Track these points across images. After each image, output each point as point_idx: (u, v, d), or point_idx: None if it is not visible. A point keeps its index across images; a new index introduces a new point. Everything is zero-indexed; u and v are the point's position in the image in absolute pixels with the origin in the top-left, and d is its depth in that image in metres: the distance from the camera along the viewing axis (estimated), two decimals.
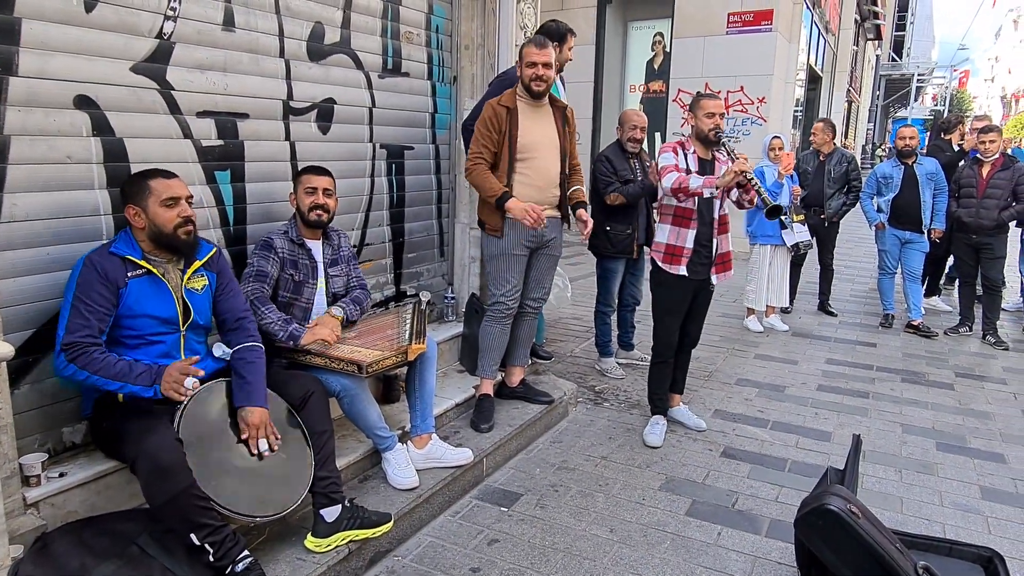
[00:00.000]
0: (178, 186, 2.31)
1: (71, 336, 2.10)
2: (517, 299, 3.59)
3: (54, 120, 2.26)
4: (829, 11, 14.81)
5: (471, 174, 3.41)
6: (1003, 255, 5.74)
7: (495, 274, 3.56)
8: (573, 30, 3.88)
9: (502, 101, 3.40)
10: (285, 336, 2.73)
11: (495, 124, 3.36)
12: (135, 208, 2.25)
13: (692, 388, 4.49)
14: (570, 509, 3.06)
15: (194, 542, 2.09)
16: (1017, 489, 3.35)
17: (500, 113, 3.36)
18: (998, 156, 5.63)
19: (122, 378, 2.14)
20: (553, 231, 3.60)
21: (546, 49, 3.33)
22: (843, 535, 2.17)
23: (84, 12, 2.30)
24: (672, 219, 3.59)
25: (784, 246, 5.85)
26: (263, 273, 2.80)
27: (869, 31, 24.26)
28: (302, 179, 2.87)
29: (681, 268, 3.57)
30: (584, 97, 10.95)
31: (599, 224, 4.45)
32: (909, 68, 34.06)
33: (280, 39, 3.03)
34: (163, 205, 2.25)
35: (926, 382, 4.81)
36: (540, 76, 3.34)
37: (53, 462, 2.33)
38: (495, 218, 3.46)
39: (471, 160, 3.41)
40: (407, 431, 3.15)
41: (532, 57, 3.32)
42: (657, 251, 3.66)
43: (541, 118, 3.48)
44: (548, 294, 3.82)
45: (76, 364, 2.09)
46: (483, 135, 3.37)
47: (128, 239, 2.28)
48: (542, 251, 3.62)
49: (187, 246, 2.34)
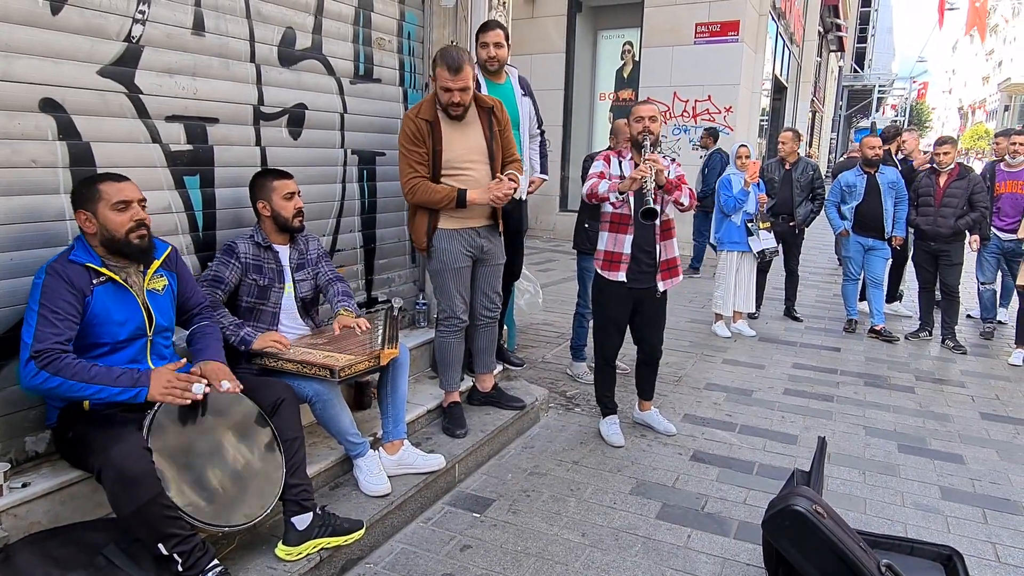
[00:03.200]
0: (130, 189, 2.25)
1: (41, 344, 2.04)
2: (467, 311, 3.55)
3: (18, 123, 2.22)
4: (794, 23, 15.14)
5: (415, 194, 3.25)
6: (960, 262, 5.91)
7: (440, 289, 3.49)
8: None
9: (421, 113, 3.23)
10: (237, 340, 2.72)
11: (419, 138, 3.21)
12: (85, 213, 2.19)
13: (662, 393, 4.55)
14: (542, 514, 3.07)
15: (162, 552, 2.05)
16: (975, 489, 3.45)
17: (421, 127, 3.21)
18: (954, 166, 5.81)
19: (99, 381, 2.08)
20: (492, 240, 3.53)
21: (462, 73, 3.12)
22: (809, 535, 2.22)
23: (50, 14, 2.27)
24: (609, 225, 3.63)
25: (750, 252, 5.96)
26: (219, 279, 2.79)
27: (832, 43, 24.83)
28: (275, 185, 2.84)
29: (620, 275, 3.60)
30: (555, 105, 11.04)
31: (580, 220, 4.52)
32: (871, 79, 34.97)
33: (251, 44, 3.01)
34: (114, 209, 2.19)
35: (888, 385, 4.93)
36: (457, 102, 3.19)
37: (16, 472, 2.28)
38: (420, 233, 3.38)
39: (408, 180, 3.25)
40: (379, 437, 3.14)
41: (445, 83, 3.14)
42: (597, 258, 3.71)
43: (465, 127, 3.32)
44: (500, 299, 3.74)
45: (48, 371, 2.03)
46: (410, 152, 3.22)
47: (84, 246, 2.22)
48: (485, 262, 3.55)
49: (139, 251, 2.28)
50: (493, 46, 3.75)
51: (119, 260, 2.28)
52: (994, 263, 6.12)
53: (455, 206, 3.26)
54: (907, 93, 41.50)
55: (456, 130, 3.30)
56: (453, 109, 3.21)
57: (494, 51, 3.76)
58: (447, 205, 3.27)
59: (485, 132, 3.38)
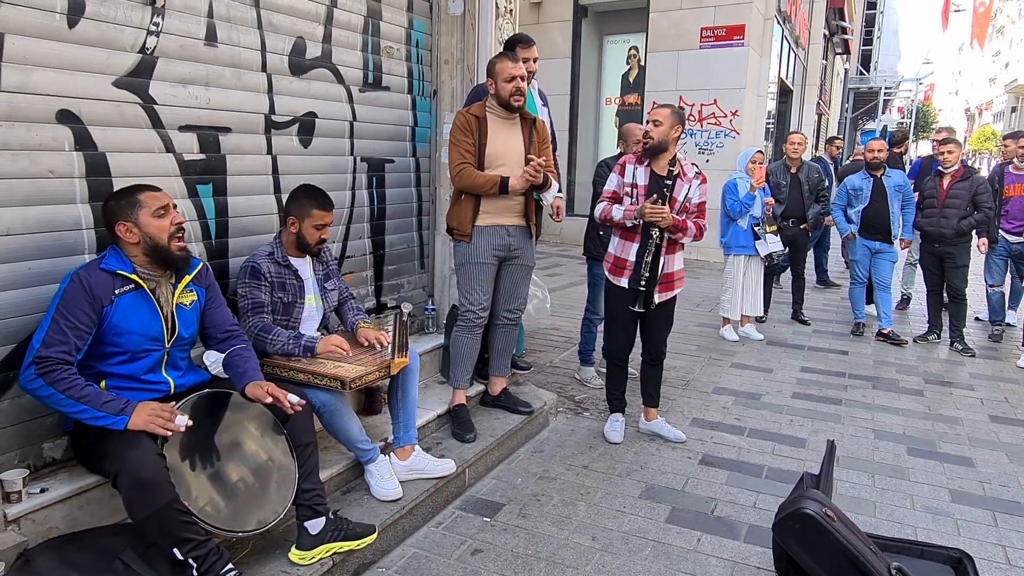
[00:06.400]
0: (164, 195, 2.32)
1: (46, 350, 2.07)
2: (486, 308, 3.61)
3: (36, 135, 2.26)
4: (799, 26, 15.13)
5: (461, 179, 3.45)
6: (965, 264, 5.90)
7: (463, 282, 3.60)
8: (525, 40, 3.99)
9: (471, 111, 3.48)
10: (301, 351, 2.79)
11: (468, 129, 3.44)
12: (126, 224, 2.23)
13: (670, 397, 4.56)
14: (552, 518, 3.09)
15: (177, 557, 2.08)
16: (985, 492, 3.44)
17: (471, 121, 3.45)
18: (958, 167, 5.81)
19: (87, 402, 2.08)
20: (521, 240, 3.63)
21: (519, 63, 3.43)
22: (819, 538, 2.23)
23: (67, 28, 2.31)
24: (621, 232, 3.71)
25: (757, 256, 5.96)
26: (259, 304, 2.82)
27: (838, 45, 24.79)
28: (314, 214, 2.86)
29: (623, 280, 3.69)
30: (561, 109, 11.06)
31: (593, 227, 4.54)
32: (877, 82, 34.85)
33: (262, 54, 3.05)
34: (155, 216, 2.25)
35: (897, 389, 4.93)
36: (520, 90, 3.41)
37: (34, 478, 2.31)
38: (465, 221, 3.50)
39: (457, 166, 3.45)
40: (390, 443, 3.16)
41: (511, 71, 3.39)
42: (607, 260, 3.81)
43: (509, 129, 3.54)
44: (524, 304, 3.84)
45: (44, 379, 2.05)
46: (461, 141, 3.44)
47: (118, 254, 2.26)
48: (513, 261, 3.65)
49: (182, 260, 2.35)
50: (520, 78, 3.72)
51: (155, 270, 2.31)
52: (1002, 265, 6.10)
53: (498, 191, 3.42)
54: (913, 95, 41.36)
55: (501, 130, 3.51)
56: (515, 99, 3.42)
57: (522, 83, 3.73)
58: (490, 190, 3.42)
59: (525, 139, 3.57)
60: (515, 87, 3.39)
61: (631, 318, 3.77)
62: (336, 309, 3.18)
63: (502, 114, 3.49)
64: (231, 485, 2.30)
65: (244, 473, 2.34)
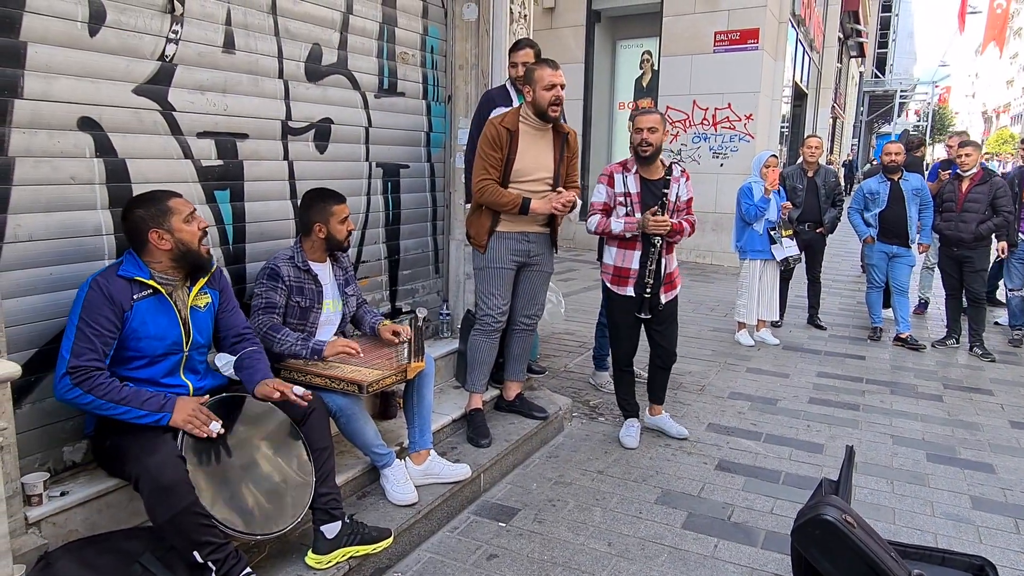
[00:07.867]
0: (188, 201, 2.37)
1: (77, 360, 2.10)
2: (505, 313, 3.61)
3: (58, 142, 2.29)
4: (813, 29, 15.07)
5: (483, 194, 3.38)
6: (984, 267, 5.83)
7: (481, 287, 3.60)
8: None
9: (504, 122, 3.38)
10: (308, 354, 2.79)
11: (497, 144, 3.34)
12: (159, 231, 2.25)
13: (685, 402, 4.54)
14: (568, 523, 3.08)
15: (197, 560, 2.09)
16: (1007, 498, 3.40)
17: (502, 133, 3.34)
18: (976, 170, 5.75)
19: (127, 403, 2.14)
20: (542, 247, 3.63)
21: (560, 69, 3.32)
22: (839, 545, 2.20)
23: (88, 36, 2.34)
24: (618, 242, 3.69)
25: (773, 260, 5.93)
26: (272, 304, 2.83)
27: (852, 49, 24.67)
28: (335, 211, 2.90)
29: (628, 289, 3.69)
30: (574, 114, 11.06)
31: None
32: (892, 85, 34.63)
33: (279, 60, 3.07)
34: (186, 221, 2.30)
35: (915, 394, 4.88)
36: (559, 98, 3.32)
37: (54, 481, 2.33)
38: (482, 231, 3.49)
39: (480, 180, 3.39)
40: (405, 447, 3.17)
41: (552, 79, 3.28)
42: (606, 272, 3.80)
43: (539, 142, 3.46)
44: (542, 310, 3.84)
45: (82, 388, 2.09)
46: (488, 155, 3.36)
47: (135, 260, 2.28)
48: (532, 268, 3.64)
49: (208, 263, 2.40)
50: (522, 65, 3.81)
51: (173, 275, 2.34)
52: (1022, 270, 6.03)
53: (518, 212, 3.36)
54: (929, 98, 41.02)
55: (532, 144, 3.43)
56: (552, 109, 3.33)
57: (522, 70, 3.78)
58: (511, 210, 3.38)
59: (556, 153, 3.51)
60: (555, 95, 3.30)
61: (635, 324, 3.78)
62: (351, 316, 3.19)
63: (536, 124, 3.41)
64: (249, 489, 2.30)
65: (262, 477, 2.35)
